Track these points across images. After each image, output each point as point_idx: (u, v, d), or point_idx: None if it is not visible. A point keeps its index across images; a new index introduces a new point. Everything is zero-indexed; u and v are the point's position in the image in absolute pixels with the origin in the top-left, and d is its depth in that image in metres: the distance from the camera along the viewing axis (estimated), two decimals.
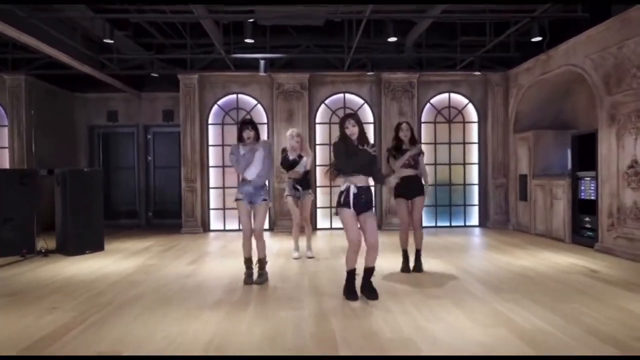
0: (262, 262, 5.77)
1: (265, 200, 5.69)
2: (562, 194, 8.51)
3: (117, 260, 7.21)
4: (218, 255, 7.64)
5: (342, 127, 4.92)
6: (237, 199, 5.69)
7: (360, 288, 4.97)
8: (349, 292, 4.94)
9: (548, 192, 8.97)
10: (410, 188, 6.15)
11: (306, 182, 7.19)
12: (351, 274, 4.97)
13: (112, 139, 12.57)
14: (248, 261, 5.72)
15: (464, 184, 11.03)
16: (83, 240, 7.76)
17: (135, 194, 12.46)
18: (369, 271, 4.99)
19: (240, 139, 5.71)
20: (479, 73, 10.06)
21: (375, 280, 5.04)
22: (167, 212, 12.24)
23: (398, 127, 6.24)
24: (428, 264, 6.65)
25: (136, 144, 12.45)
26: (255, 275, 5.73)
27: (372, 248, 4.87)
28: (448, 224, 10.91)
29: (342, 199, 4.90)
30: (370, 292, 4.93)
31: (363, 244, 4.82)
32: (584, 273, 5.97)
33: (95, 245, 7.94)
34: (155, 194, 12.50)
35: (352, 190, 4.85)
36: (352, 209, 4.84)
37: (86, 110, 12.34)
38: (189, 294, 5.17)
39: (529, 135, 9.66)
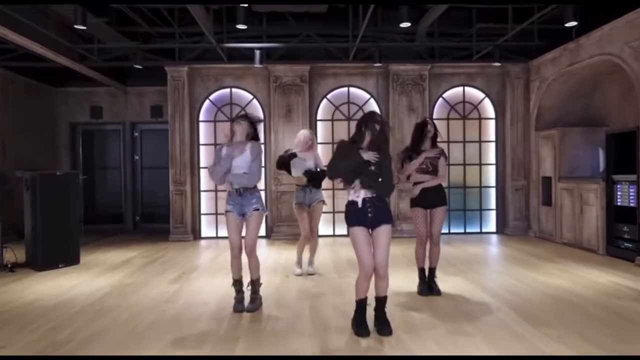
0: (254, 284, 4.96)
1: (257, 209, 4.86)
2: (595, 199, 7.67)
3: (92, 278, 6.39)
4: (207, 271, 6.82)
5: (363, 128, 4.09)
6: (227, 211, 4.87)
7: (374, 320, 4.16)
8: (359, 325, 4.12)
9: (577, 197, 8.13)
10: (428, 196, 5.33)
11: (317, 185, 6.43)
12: (361, 304, 4.14)
13: (96, 137, 11.76)
14: (237, 283, 4.91)
15: (480, 187, 10.20)
16: (55, 253, 6.94)
17: (121, 196, 11.66)
18: (380, 301, 4.18)
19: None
20: (498, 64, 9.20)
21: (388, 306, 4.22)
22: (155, 216, 11.43)
23: (423, 126, 5.42)
24: (447, 282, 5.83)
25: (122, 142, 11.65)
26: (247, 300, 4.91)
27: (380, 277, 4.06)
28: (462, 231, 10.08)
29: (349, 214, 4.09)
30: (382, 326, 4.12)
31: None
32: (636, 298, 5.13)
33: (69, 258, 7.12)
34: (143, 197, 11.71)
35: (360, 200, 4.04)
36: (362, 225, 4.02)
37: (68, 106, 11.51)
38: (166, 327, 4.35)
39: (554, 133, 8.82)
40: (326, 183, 8.63)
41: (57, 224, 6.95)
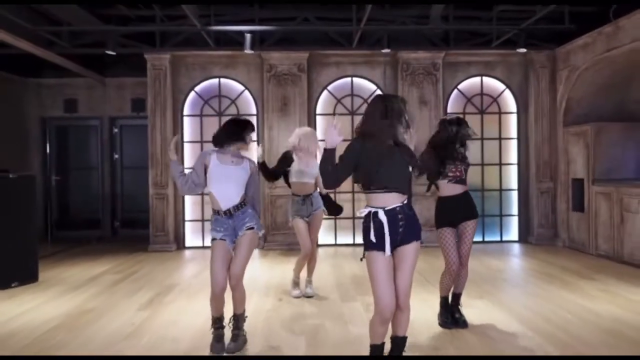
0: (238, 319, 4.05)
1: (252, 228, 3.95)
2: (639, 205, 6.78)
3: (46, 301, 5.50)
4: (185, 291, 5.92)
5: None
6: (213, 239, 3.94)
7: None
8: None
9: (617, 203, 7.23)
10: (456, 208, 4.43)
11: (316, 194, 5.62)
12: (376, 350, 3.23)
13: (70, 133, 10.86)
14: (217, 321, 3.99)
15: (500, 190, 9.31)
16: (8, 270, 6.04)
17: (98, 199, 10.76)
18: (398, 343, 3.28)
19: (227, 140, 3.97)
20: (524, 50, 8.29)
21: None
22: (137, 221, 10.49)
23: (459, 121, 4.52)
24: (472, 309, 4.93)
25: (100, 139, 10.76)
26: (228, 339, 4.00)
27: (400, 309, 3.16)
28: (481, 239, 9.16)
29: (366, 235, 3.17)
30: None
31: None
32: None
33: (25, 275, 6.24)
34: (123, 200, 10.82)
35: (381, 216, 3.11)
36: (383, 250, 3.10)
37: (39, 98, 10.62)
38: None
39: (587, 129, 7.93)
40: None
41: (9, 235, 6.06)
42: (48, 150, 10.73)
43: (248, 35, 7.85)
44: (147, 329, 4.55)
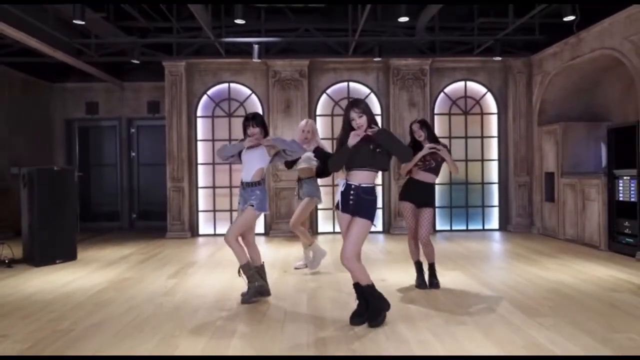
0: (239, 271, 5.15)
1: (252, 205, 5.08)
2: (597, 194, 7.86)
3: (89, 273, 6.59)
4: (204, 266, 7.02)
5: (346, 118, 4.31)
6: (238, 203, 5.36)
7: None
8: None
9: (579, 193, 8.32)
10: (417, 193, 5.51)
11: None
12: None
13: (91, 133, 11.96)
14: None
15: (482, 183, 10.40)
16: (52, 249, 7.15)
17: (117, 193, 11.86)
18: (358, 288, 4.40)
19: (243, 134, 5.25)
20: (499, 58, 9.39)
21: (389, 298, 4.44)
22: (152, 214, 11.63)
23: (410, 129, 5.62)
24: (446, 277, 6.02)
25: (118, 138, 11.84)
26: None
27: (345, 258, 4.27)
28: (464, 228, 10.28)
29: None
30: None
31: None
32: (633, 291, 5.33)
33: (66, 254, 7.33)
34: (139, 194, 11.90)
35: (341, 187, 4.36)
36: (341, 210, 4.35)
37: (63, 102, 11.72)
38: (164, 319, 4.55)
39: (557, 128, 9.01)
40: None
41: (53, 219, 7.16)
42: (71, 149, 11.82)
43: (256, 46, 8.94)
44: (178, 289, 5.65)
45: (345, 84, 10.28)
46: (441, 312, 4.63)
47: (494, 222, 10.38)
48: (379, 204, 10.22)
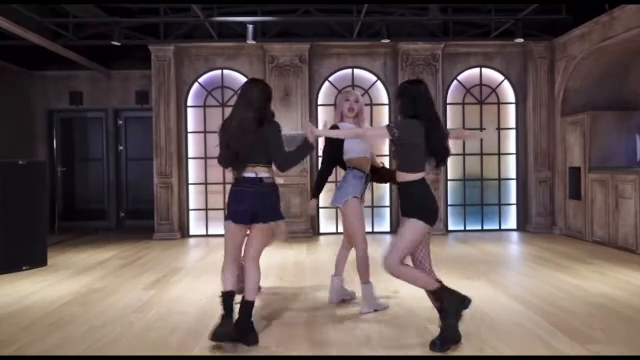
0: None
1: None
2: (633, 191, 7.01)
3: (56, 282, 5.76)
4: (190, 273, 6.19)
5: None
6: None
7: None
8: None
9: (611, 189, 7.47)
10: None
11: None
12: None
13: (75, 125, 11.11)
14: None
15: (499, 179, 9.54)
16: (18, 254, 6.31)
17: (104, 190, 11.01)
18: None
19: None
20: (521, 40, 8.51)
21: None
22: (142, 212, 10.75)
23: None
24: (469, 289, 5.14)
25: (105, 131, 10.98)
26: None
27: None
28: (479, 228, 9.42)
29: None
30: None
31: None
32: None
33: (35, 260, 6.50)
34: (127, 191, 11.06)
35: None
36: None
37: (44, 91, 10.86)
38: (130, 343, 3.73)
39: (584, 118, 8.15)
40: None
41: (20, 220, 6.33)
42: (54, 142, 10.99)
43: (250, 26, 8.10)
44: (153, 303, 4.81)
45: (350, 70, 9.42)
46: (471, 337, 3.77)
47: (511, 221, 9.52)
48: (387, 202, 9.43)
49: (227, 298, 3.72)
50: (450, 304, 3.56)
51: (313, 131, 3.83)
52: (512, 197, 9.54)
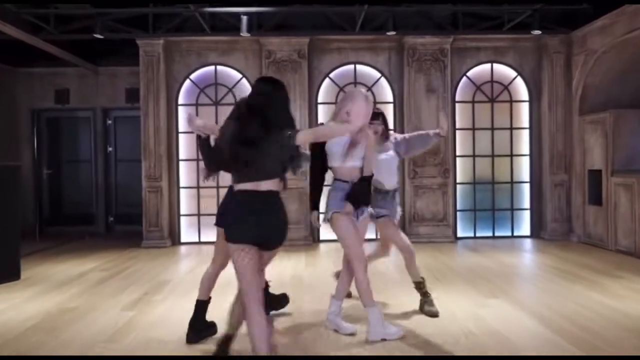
0: None
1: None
2: None
3: (27, 300, 5.17)
4: (177, 288, 5.59)
5: None
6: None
7: None
8: None
9: (637, 195, 6.86)
10: None
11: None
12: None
13: (62, 125, 10.54)
14: None
15: (511, 182, 8.93)
16: None
17: (92, 194, 10.43)
18: None
19: None
20: (539, 32, 7.90)
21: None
22: (132, 216, 10.10)
23: None
24: (488, 309, 4.58)
25: (93, 131, 10.40)
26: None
27: None
28: (490, 234, 8.81)
29: None
30: None
31: None
32: None
33: (6, 273, 5.90)
34: (117, 194, 10.48)
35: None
36: None
37: (29, 89, 10.28)
38: None
39: (606, 117, 7.55)
40: None
41: None
42: (39, 143, 10.40)
43: (244, 18, 7.53)
44: (132, 328, 4.22)
45: (352, 66, 8.81)
46: None
47: (524, 227, 8.91)
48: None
49: None
50: None
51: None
52: (526, 202, 8.93)
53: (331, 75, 8.79)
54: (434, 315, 4.38)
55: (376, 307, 3.92)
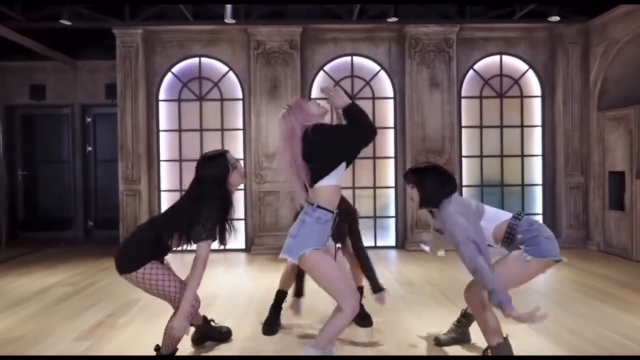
0: None
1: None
2: None
3: None
4: (147, 308, 4.88)
5: None
6: None
7: None
8: None
9: None
10: None
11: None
12: None
13: (38, 123, 9.89)
14: None
15: (522, 185, 8.29)
16: None
17: (70, 196, 9.79)
18: None
19: None
20: (557, 19, 7.22)
21: None
22: (113, 221, 9.30)
23: None
24: (512, 340, 3.86)
25: (71, 129, 9.79)
26: None
27: None
28: None
29: None
30: None
31: None
32: None
33: None
34: (97, 197, 9.84)
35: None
36: None
37: (3, 84, 9.63)
38: None
39: (629, 113, 6.87)
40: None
41: None
42: (12, 142, 9.74)
43: (228, 6, 6.84)
44: None
45: (349, 58, 8.15)
46: None
47: None
48: (392, 212, 8.18)
49: None
50: None
51: None
52: (538, 206, 8.28)
53: (326, 68, 8.14)
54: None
55: (324, 353, 3.10)
